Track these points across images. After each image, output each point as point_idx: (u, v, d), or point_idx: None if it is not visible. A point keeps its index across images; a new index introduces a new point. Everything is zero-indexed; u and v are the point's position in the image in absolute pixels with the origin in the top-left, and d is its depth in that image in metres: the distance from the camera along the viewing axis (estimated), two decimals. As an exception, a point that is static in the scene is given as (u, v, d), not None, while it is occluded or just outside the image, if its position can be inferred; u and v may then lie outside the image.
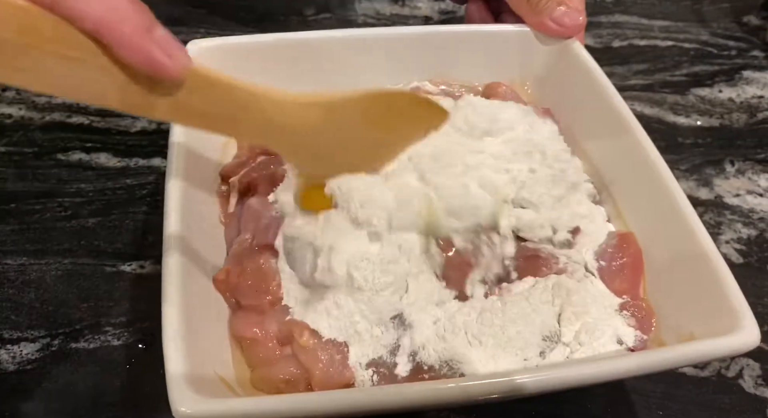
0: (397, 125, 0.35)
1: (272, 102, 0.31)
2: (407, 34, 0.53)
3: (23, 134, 0.56)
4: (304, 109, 0.32)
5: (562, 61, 0.52)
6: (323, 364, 0.34)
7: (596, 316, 0.37)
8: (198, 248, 0.38)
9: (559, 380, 0.31)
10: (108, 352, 0.42)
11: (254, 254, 0.38)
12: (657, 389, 0.43)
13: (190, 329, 0.32)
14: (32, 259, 0.47)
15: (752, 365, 0.44)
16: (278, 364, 0.34)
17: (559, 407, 0.42)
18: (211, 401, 0.28)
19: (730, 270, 0.41)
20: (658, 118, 0.63)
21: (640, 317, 0.38)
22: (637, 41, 0.72)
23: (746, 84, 0.67)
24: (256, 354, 0.34)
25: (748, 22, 0.75)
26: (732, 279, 0.35)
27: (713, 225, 0.53)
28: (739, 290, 0.35)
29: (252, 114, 0.31)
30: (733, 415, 0.42)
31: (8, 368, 0.41)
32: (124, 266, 0.47)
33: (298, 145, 0.34)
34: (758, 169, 0.58)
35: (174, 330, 0.31)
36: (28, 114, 0.58)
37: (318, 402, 0.29)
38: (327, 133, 0.33)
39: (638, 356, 0.34)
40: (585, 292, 0.38)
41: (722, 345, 0.32)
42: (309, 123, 0.32)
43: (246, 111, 0.30)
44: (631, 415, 0.42)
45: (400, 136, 0.37)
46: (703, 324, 0.35)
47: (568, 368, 0.32)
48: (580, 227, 0.42)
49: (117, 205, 0.51)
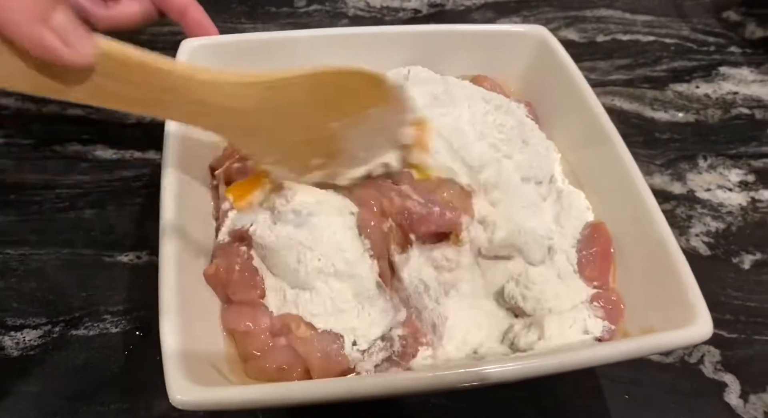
0: (344, 102, 0.35)
1: (202, 82, 0.30)
2: (395, 33, 0.55)
3: (21, 126, 0.58)
4: (241, 89, 0.32)
5: (541, 58, 0.54)
6: (321, 353, 0.36)
7: (566, 308, 0.40)
8: (193, 240, 0.40)
9: (529, 369, 0.33)
10: (107, 339, 0.45)
11: (238, 248, 0.40)
12: (624, 374, 0.45)
13: (186, 320, 0.34)
14: (33, 249, 0.49)
15: (713, 352, 0.47)
16: (272, 354, 0.36)
17: (534, 391, 0.44)
18: (206, 389, 0.31)
19: (699, 262, 0.44)
20: (638, 113, 0.65)
21: (609, 308, 0.41)
22: (621, 36, 0.74)
23: (722, 80, 0.69)
24: (249, 346, 0.36)
25: (728, 17, 0.77)
26: (690, 275, 0.37)
27: (684, 218, 0.56)
28: (697, 286, 0.37)
29: (180, 96, 0.31)
30: (692, 398, 0.45)
31: (12, 353, 0.44)
32: (121, 256, 0.49)
33: (237, 126, 0.34)
34: (729, 165, 0.60)
35: (171, 322, 0.33)
36: (25, 105, 0.60)
37: (307, 390, 0.32)
38: (267, 113, 0.33)
39: (601, 347, 0.36)
40: (556, 286, 0.40)
41: (678, 337, 0.35)
42: (247, 103, 0.32)
43: (173, 93, 0.30)
44: (599, 398, 0.44)
45: (346, 112, 0.36)
46: (663, 316, 0.38)
47: (536, 359, 0.34)
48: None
49: (113, 197, 0.53)
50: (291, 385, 0.33)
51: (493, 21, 0.75)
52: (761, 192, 0.58)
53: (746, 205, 0.57)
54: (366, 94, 0.36)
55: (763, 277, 0.52)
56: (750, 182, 0.59)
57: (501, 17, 0.75)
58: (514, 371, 0.33)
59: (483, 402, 0.43)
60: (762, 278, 0.52)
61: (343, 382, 0.34)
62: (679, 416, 0.44)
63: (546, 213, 0.45)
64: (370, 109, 0.37)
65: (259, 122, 0.34)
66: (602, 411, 0.44)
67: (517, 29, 0.55)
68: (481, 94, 0.49)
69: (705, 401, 0.45)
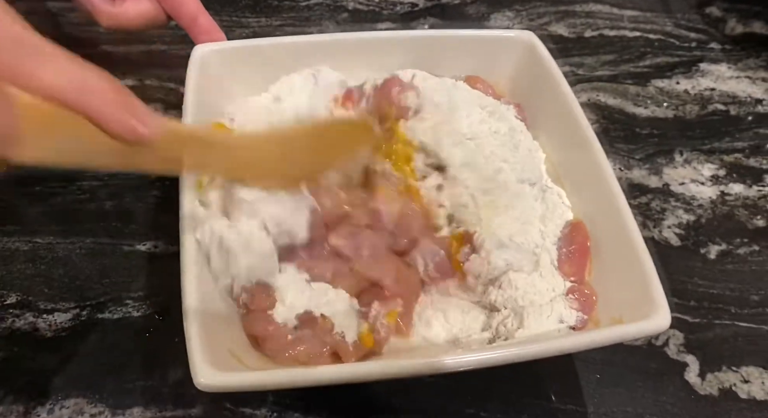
0: (336, 148, 0.44)
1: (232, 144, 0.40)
2: (394, 37, 0.60)
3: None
4: (261, 144, 0.41)
5: (528, 61, 0.58)
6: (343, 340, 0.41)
7: (545, 301, 0.45)
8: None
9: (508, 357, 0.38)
10: (130, 322, 0.49)
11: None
12: (597, 356, 0.50)
13: (206, 312, 0.39)
14: (59, 238, 0.53)
15: (677, 335, 0.52)
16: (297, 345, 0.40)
17: (512, 369, 0.49)
18: (226, 374, 0.36)
19: (669, 252, 0.51)
20: (620, 108, 0.69)
21: (583, 300, 0.45)
22: (607, 31, 0.78)
23: (701, 76, 0.73)
24: (273, 346, 0.40)
25: (710, 13, 0.81)
26: (654, 272, 0.42)
27: (659, 211, 0.60)
28: (659, 282, 0.42)
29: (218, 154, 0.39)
30: (657, 377, 0.50)
31: (46, 334, 0.48)
32: (139, 245, 0.54)
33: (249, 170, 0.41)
34: (703, 159, 0.65)
35: (193, 312, 0.38)
36: (44, 99, 0.63)
37: (316, 374, 0.36)
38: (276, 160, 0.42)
39: (572, 337, 0.41)
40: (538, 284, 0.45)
41: (640, 329, 0.40)
42: (264, 155, 0.41)
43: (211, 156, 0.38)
44: (573, 379, 0.49)
45: (340, 152, 0.45)
46: (629, 309, 0.42)
47: (514, 348, 0.39)
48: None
49: (130, 188, 0.57)
50: (296, 371, 0.38)
51: (487, 15, 0.78)
52: (730, 186, 0.63)
53: (716, 198, 0.62)
54: (357, 137, 0.45)
55: (727, 266, 0.57)
56: (721, 176, 0.63)
57: (494, 11, 0.78)
58: (496, 357, 0.38)
59: (462, 378, 0.48)
60: (726, 268, 0.56)
61: (346, 367, 0.39)
62: (644, 393, 0.49)
63: (536, 217, 0.49)
64: (358, 147, 0.45)
65: (264, 164, 0.42)
66: (575, 389, 0.49)
67: (507, 34, 0.59)
68: (478, 100, 0.53)
69: (668, 380, 0.49)
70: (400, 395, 0.47)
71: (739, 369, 0.50)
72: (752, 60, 0.75)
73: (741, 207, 0.61)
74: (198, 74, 0.51)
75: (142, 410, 0.45)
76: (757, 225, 0.60)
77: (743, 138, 0.67)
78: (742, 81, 0.72)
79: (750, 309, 0.54)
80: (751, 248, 0.58)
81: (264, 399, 0.46)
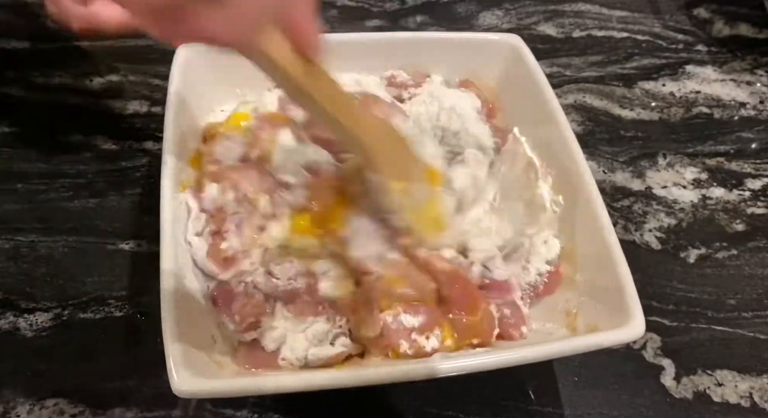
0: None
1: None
2: (385, 39, 0.60)
3: (25, 114, 0.61)
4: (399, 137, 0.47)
5: (514, 63, 0.58)
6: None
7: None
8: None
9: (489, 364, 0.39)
10: (112, 322, 0.49)
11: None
12: (576, 358, 0.51)
13: (184, 319, 0.39)
14: (41, 236, 0.53)
15: (654, 339, 0.53)
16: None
17: (495, 374, 0.50)
18: (203, 381, 0.36)
19: (650, 256, 0.52)
20: (606, 110, 0.70)
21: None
22: (596, 32, 0.78)
23: (687, 78, 0.73)
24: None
25: (698, 14, 0.81)
26: (631, 283, 0.43)
27: (641, 214, 0.61)
28: (635, 291, 0.42)
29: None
30: (633, 380, 0.50)
31: (27, 334, 0.48)
32: (122, 244, 0.54)
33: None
34: (686, 163, 0.65)
35: (171, 319, 0.38)
36: (27, 95, 0.63)
37: (294, 381, 0.37)
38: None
39: (548, 345, 0.42)
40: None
41: (614, 337, 0.41)
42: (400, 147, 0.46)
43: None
44: (551, 381, 0.50)
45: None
46: (606, 317, 0.43)
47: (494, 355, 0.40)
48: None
49: (114, 186, 0.57)
50: (272, 377, 0.38)
51: (476, 14, 0.78)
52: (712, 190, 0.63)
53: (697, 202, 0.62)
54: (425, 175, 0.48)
55: (706, 270, 0.57)
56: (702, 180, 0.64)
57: (483, 10, 0.78)
58: (474, 364, 0.39)
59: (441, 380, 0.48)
60: (704, 272, 0.57)
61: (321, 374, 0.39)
62: (620, 396, 0.50)
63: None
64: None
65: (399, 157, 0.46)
66: (553, 391, 0.49)
67: (494, 37, 0.59)
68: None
69: (644, 383, 0.50)
70: (378, 398, 0.47)
71: (714, 373, 0.51)
72: (737, 63, 0.75)
73: (721, 211, 0.62)
74: (181, 73, 0.51)
75: (123, 411, 0.45)
76: (736, 229, 0.60)
77: (726, 141, 0.67)
78: (727, 84, 0.73)
79: (726, 313, 0.54)
80: (729, 252, 0.58)
81: (245, 401, 0.46)
